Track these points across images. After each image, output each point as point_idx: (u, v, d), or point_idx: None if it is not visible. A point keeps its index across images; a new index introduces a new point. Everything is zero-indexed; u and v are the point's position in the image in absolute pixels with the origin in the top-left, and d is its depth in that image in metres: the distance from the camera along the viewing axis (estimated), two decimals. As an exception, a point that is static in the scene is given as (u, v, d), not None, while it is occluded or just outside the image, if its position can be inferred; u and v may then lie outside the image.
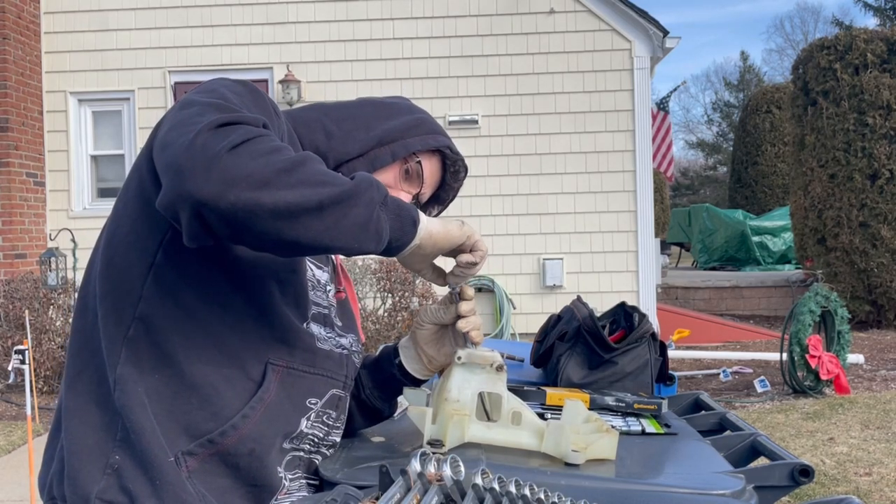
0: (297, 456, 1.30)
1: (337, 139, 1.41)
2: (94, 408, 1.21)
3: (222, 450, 1.20)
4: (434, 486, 0.84)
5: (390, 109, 1.49)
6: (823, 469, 4.10)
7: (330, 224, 1.09)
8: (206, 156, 1.03)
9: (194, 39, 8.20)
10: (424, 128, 1.48)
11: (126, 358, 1.20)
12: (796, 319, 5.77)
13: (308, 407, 1.29)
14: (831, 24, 26.44)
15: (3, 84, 7.60)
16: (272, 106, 1.30)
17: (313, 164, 1.10)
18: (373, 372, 1.50)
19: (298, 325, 1.28)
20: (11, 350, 6.48)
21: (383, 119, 1.46)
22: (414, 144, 1.45)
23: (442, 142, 1.49)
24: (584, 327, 1.80)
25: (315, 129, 1.41)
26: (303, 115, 1.45)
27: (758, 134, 17.72)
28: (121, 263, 1.23)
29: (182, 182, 1.03)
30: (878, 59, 8.95)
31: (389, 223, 1.15)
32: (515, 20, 8.14)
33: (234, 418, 1.20)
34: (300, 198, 1.06)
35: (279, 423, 1.25)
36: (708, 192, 34.13)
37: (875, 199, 8.90)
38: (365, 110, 1.48)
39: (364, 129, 1.43)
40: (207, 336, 1.21)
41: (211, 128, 1.06)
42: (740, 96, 36.42)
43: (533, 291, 8.08)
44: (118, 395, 1.19)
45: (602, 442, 1.28)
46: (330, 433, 1.35)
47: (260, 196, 1.03)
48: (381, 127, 1.44)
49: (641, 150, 8.06)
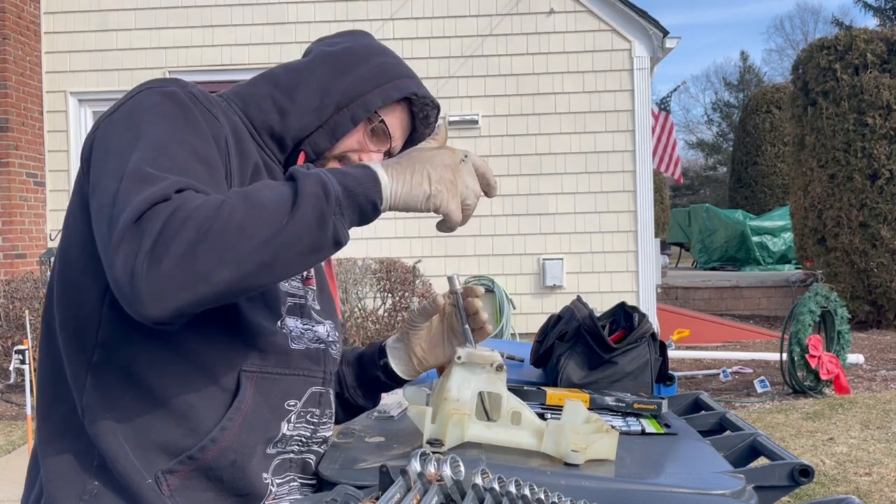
0: (287, 459, 1.28)
1: (291, 115, 1.32)
2: (70, 436, 1.19)
3: (203, 464, 1.17)
4: (434, 486, 0.84)
5: (345, 61, 1.36)
6: (823, 469, 4.10)
7: (282, 267, 1.04)
8: (132, 281, 0.98)
9: (194, 39, 8.20)
10: (385, 76, 1.35)
11: (92, 385, 1.17)
12: (796, 319, 5.77)
13: (287, 409, 1.26)
14: (831, 25, 26.44)
15: (3, 84, 7.60)
16: (206, 113, 1.20)
17: (233, 215, 1.00)
18: (356, 371, 1.49)
19: (270, 326, 1.23)
20: (11, 350, 6.48)
21: (338, 76, 1.34)
22: (374, 101, 1.33)
23: (405, 89, 1.36)
24: (584, 327, 1.80)
25: (266, 109, 1.32)
26: (252, 92, 1.34)
27: (758, 134, 17.72)
28: (76, 289, 1.19)
29: (126, 304, 1.01)
30: (878, 59, 8.95)
31: (349, 220, 1.08)
32: (515, 20, 8.14)
33: (213, 432, 1.17)
34: (237, 270, 1.00)
35: (259, 430, 1.22)
36: (708, 192, 34.13)
37: (875, 199, 8.90)
38: (317, 71, 1.34)
39: (319, 95, 1.32)
40: (174, 352, 1.17)
41: (127, 230, 0.99)
42: (740, 96, 36.43)
43: (533, 291, 8.08)
44: (87, 424, 1.16)
45: (602, 442, 1.28)
46: (318, 430, 1.32)
47: (197, 291, 0.99)
48: (337, 88, 1.33)
49: (641, 151, 8.06)
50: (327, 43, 1.41)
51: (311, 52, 1.40)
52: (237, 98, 1.34)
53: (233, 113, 1.30)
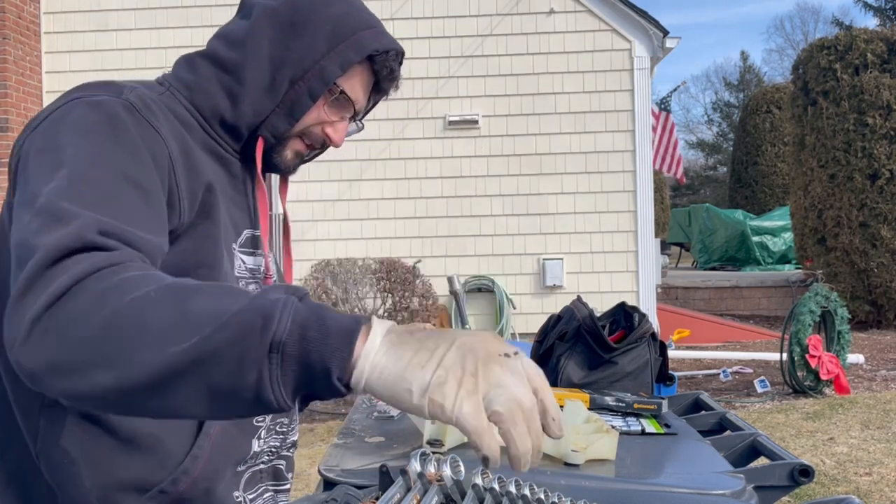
0: (257, 471, 1.24)
1: (243, 101, 1.17)
2: (30, 478, 1.09)
3: (176, 496, 1.10)
4: (434, 486, 0.83)
5: (292, 19, 1.18)
6: (823, 469, 4.10)
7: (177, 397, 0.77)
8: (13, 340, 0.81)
9: (194, 39, 8.19)
10: (339, 33, 1.19)
11: (46, 430, 1.06)
12: (796, 319, 5.77)
13: (257, 426, 1.21)
14: (831, 24, 26.45)
15: (3, 84, 7.60)
16: (143, 125, 1.04)
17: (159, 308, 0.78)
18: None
19: None
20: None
21: (287, 42, 1.18)
22: (332, 70, 1.18)
23: (364, 48, 1.20)
24: (584, 327, 1.80)
25: (214, 95, 1.17)
26: (197, 76, 1.19)
27: (758, 134, 17.72)
28: None
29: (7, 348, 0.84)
30: (878, 59, 8.96)
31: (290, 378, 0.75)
32: (515, 20, 8.14)
33: (184, 462, 1.09)
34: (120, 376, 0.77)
35: (230, 452, 1.16)
36: (708, 192, 34.13)
37: (875, 199, 8.90)
38: (262, 39, 1.18)
39: (269, 71, 1.17)
40: None
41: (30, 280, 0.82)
42: (740, 96, 36.43)
43: (533, 291, 8.08)
44: (45, 471, 1.07)
45: (602, 442, 1.28)
46: (287, 437, 1.29)
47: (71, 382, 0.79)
48: (289, 58, 1.17)
49: (641, 150, 8.06)
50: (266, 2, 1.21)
51: (251, 7, 1.21)
52: (181, 85, 1.19)
53: (178, 105, 1.16)
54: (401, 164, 8.02)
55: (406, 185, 8.09)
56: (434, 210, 8.08)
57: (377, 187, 8.04)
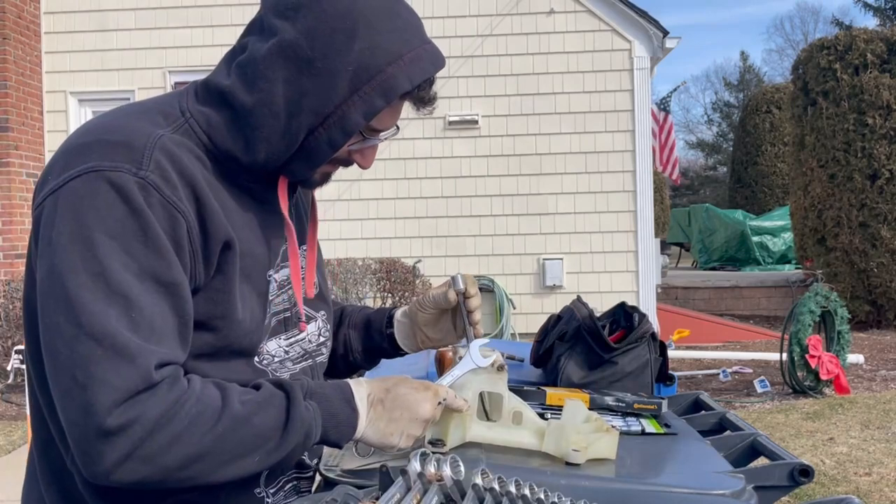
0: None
1: (257, 148, 1.11)
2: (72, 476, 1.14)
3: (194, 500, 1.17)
4: (434, 486, 0.84)
5: (311, 55, 1.06)
6: (823, 469, 4.10)
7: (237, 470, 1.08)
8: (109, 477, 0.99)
9: (194, 39, 8.20)
10: (364, 75, 1.07)
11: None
12: (796, 319, 5.77)
13: None
14: (831, 25, 26.44)
15: (3, 84, 7.60)
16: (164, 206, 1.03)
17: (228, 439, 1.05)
18: (363, 337, 1.50)
19: (245, 366, 1.18)
20: (11, 350, 6.49)
21: (305, 83, 1.07)
22: (355, 120, 1.09)
23: (393, 90, 1.09)
24: (584, 327, 1.79)
25: (228, 137, 1.12)
26: (212, 114, 1.13)
27: (758, 134, 17.73)
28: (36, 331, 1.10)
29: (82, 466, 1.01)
30: (878, 59, 8.95)
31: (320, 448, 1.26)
32: (515, 20, 8.14)
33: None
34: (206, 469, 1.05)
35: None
36: (708, 192, 34.13)
37: (875, 199, 8.90)
38: (278, 78, 1.07)
39: (283, 117, 1.08)
40: None
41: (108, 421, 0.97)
42: (740, 96, 36.43)
43: (533, 291, 8.08)
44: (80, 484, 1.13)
45: (602, 442, 1.28)
46: None
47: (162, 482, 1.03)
48: (306, 103, 1.07)
49: (641, 150, 8.07)
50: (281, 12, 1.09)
51: (272, 32, 1.10)
52: (201, 118, 1.13)
53: (197, 140, 1.12)
54: (401, 163, 8.02)
55: (406, 185, 8.09)
56: (434, 210, 8.08)
57: (377, 187, 8.04)
